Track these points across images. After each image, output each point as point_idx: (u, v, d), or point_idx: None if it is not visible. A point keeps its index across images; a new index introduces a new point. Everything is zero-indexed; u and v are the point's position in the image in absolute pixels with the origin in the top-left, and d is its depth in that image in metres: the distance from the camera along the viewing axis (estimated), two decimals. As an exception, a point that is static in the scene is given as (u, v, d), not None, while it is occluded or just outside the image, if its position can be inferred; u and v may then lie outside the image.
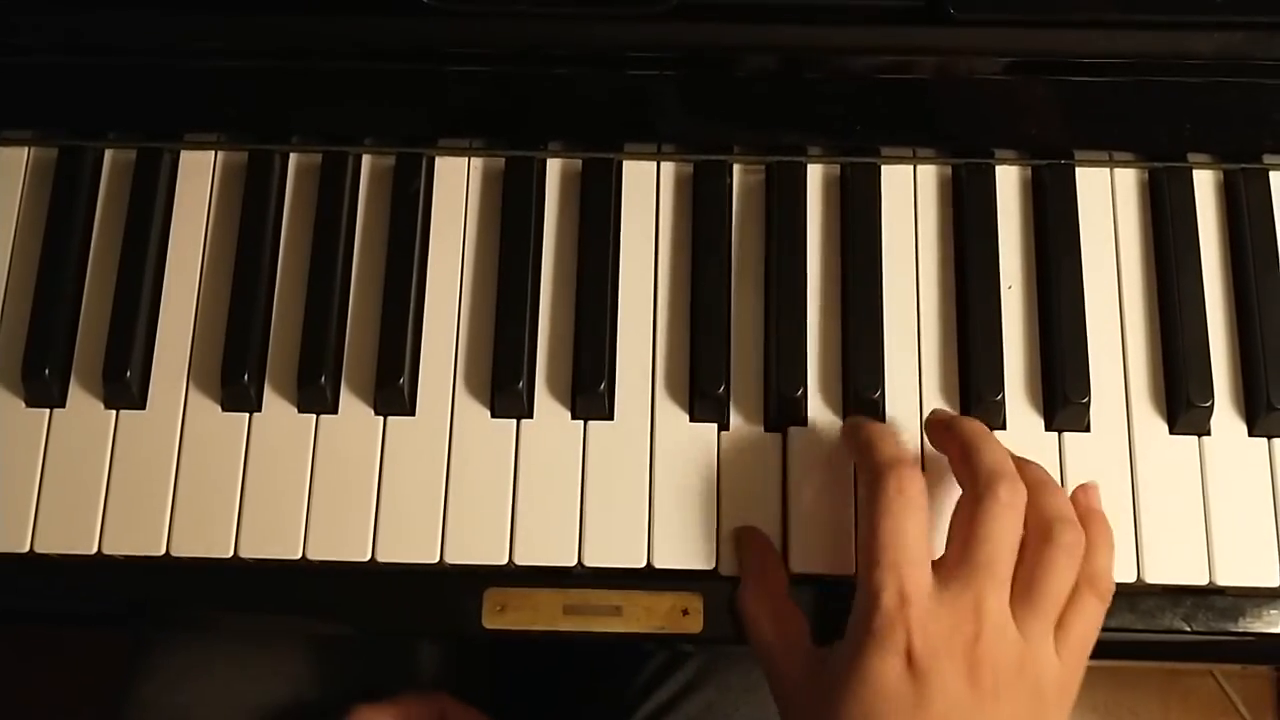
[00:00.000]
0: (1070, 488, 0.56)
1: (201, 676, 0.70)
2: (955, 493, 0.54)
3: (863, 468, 0.54)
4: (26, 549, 0.56)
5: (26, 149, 0.62)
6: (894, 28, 0.54)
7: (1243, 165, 0.60)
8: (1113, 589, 0.53)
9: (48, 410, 0.58)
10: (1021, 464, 0.53)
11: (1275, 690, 1.43)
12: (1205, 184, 0.60)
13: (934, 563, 0.51)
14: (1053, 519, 0.52)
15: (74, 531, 0.56)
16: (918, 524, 0.51)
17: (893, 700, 0.49)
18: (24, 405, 0.58)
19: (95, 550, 0.56)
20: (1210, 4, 0.55)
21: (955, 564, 0.51)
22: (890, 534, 0.50)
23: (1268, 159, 0.60)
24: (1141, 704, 1.43)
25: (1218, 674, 1.42)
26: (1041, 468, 0.55)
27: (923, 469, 0.55)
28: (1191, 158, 0.60)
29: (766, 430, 0.58)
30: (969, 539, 0.51)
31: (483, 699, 0.68)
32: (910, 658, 0.49)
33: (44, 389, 0.58)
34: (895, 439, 0.54)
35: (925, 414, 0.57)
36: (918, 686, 0.49)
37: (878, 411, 0.57)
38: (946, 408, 0.58)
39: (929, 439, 0.57)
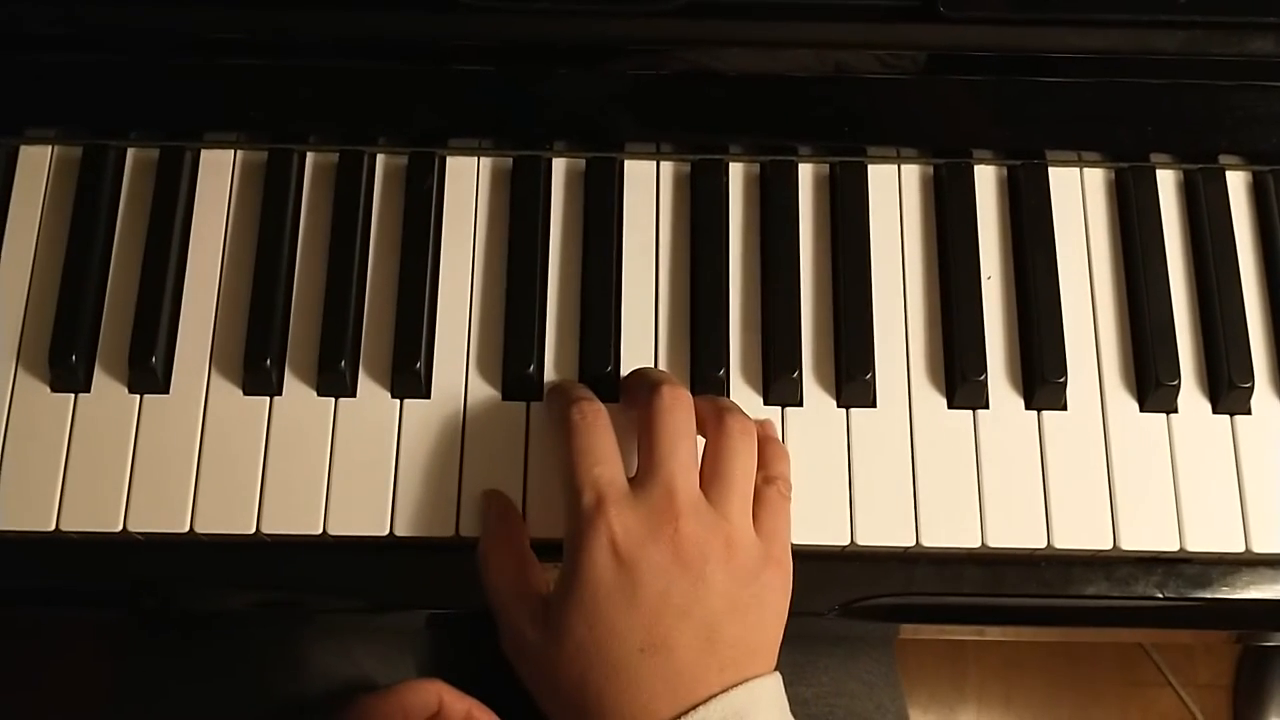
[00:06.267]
0: (1052, 464, 0.60)
1: (201, 671, 0.72)
2: None
3: (552, 417, 0.56)
4: (52, 527, 0.58)
5: (50, 147, 0.64)
6: (889, 25, 0.58)
7: (1201, 165, 0.64)
8: (791, 488, 0.57)
9: (73, 395, 0.60)
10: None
11: (1232, 702, 1.47)
12: (1167, 183, 0.65)
13: (630, 479, 0.54)
14: (722, 410, 0.56)
15: (99, 510, 0.58)
16: (605, 439, 0.54)
17: (607, 591, 0.51)
18: (49, 390, 0.60)
19: (120, 528, 0.58)
20: (1174, 3, 0.60)
21: (643, 466, 0.54)
22: (579, 450, 0.53)
23: (1224, 159, 0.64)
24: (1103, 717, 1.45)
25: (1177, 685, 1.45)
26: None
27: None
28: (1154, 158, 0.64)
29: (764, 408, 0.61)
30: (646, 443, 0.54)
31: (479, 687, 0.70)
32: (616, 550, 0.51)
33: (69, 375, 0.59)
34: (582, 388, 0.57)
35: (914, 395, 0.61)
36: (628, 574, 0.51)
37: (869, 394, 0.61)
38: (933, 389, 0.61)
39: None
